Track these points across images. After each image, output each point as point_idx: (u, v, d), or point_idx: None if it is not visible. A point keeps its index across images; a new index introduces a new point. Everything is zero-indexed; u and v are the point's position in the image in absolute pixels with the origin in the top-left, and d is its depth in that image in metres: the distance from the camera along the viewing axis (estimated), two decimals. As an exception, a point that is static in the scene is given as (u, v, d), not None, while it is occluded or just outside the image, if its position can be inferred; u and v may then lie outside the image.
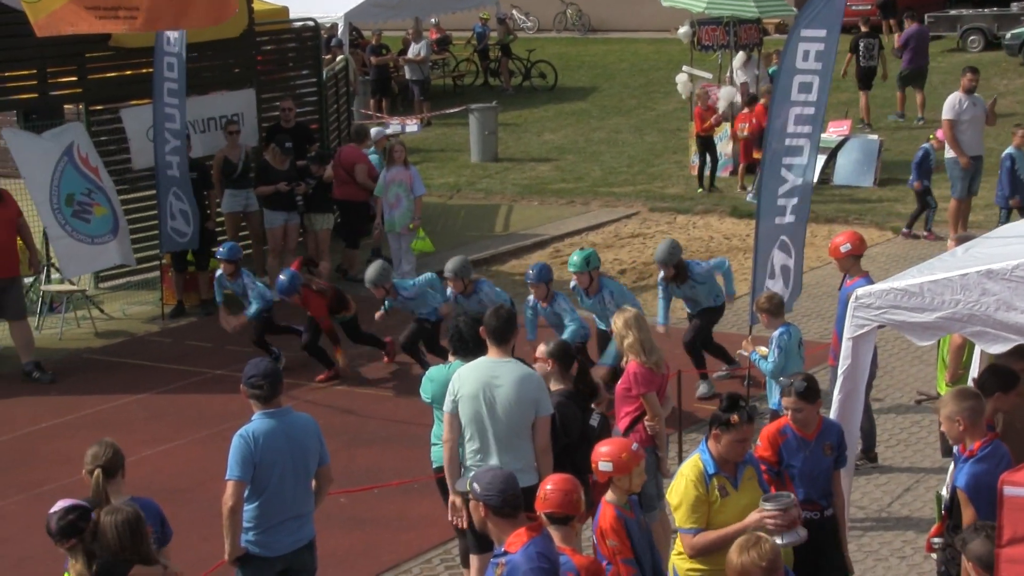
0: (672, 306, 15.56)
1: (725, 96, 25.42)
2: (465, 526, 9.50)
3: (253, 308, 16.44)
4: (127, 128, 19.62)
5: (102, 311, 19.15)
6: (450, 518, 10.01)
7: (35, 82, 19.14)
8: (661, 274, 15.18)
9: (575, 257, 14.65)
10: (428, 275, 16.42)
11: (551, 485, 7.88)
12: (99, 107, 19.71)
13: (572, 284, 14.93)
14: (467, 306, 14.90)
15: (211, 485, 10.12)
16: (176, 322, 18.32)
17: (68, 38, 17.44)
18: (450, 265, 15.11)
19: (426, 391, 10.70)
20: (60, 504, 7.94)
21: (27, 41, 17.32)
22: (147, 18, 16.55)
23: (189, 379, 16.43)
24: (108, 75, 19.74)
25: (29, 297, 18.51)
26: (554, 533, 7.71)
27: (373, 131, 23.07)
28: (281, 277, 16.38)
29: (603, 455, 8.40)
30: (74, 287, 19.32)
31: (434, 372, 10.78)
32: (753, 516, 8.15)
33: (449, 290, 15.49)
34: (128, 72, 19.59)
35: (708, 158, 25.06)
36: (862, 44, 29.43)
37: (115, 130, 19.67)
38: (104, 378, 16.24)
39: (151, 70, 18.67)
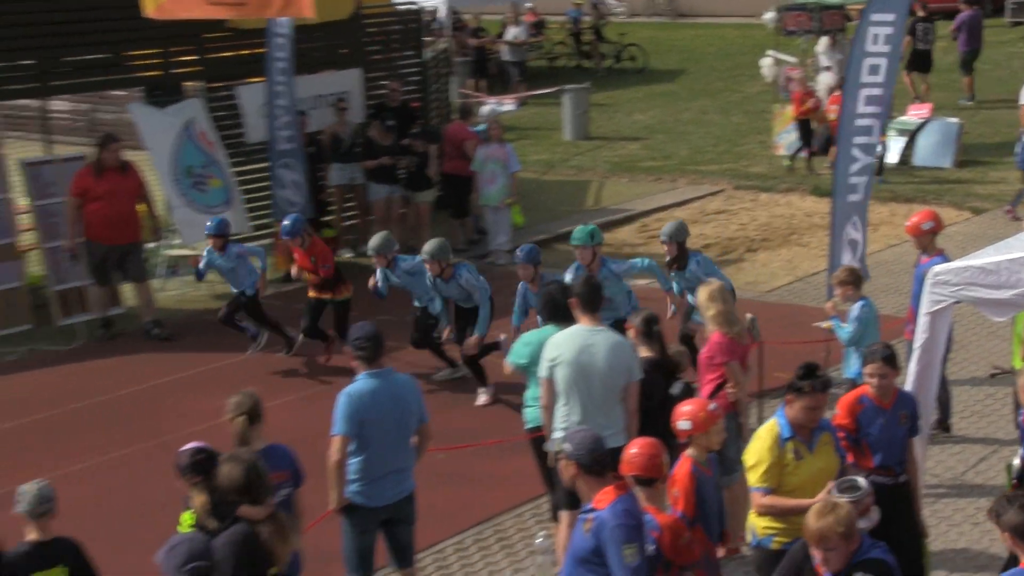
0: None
1: (824, 81, 25.18)
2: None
3: (261, 261, 16.09)
4: (242, 104, 19.77)
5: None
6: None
7: (159, 61, 19.37)
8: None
9: (578, 232, 13.64)
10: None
11: (636, 448, 7.95)
12: (217, 84, 19.87)
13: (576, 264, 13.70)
14: (445, 291, 14.42)
15: (317, 442, 10.22)
16: (287, 286, 18.43)
17: (189, 20, 17.61)
18: (427, 247, 14.27)
19: (521, 355, 10.76)
20: (191, 445, 8.26)
21: (152, 23, 17.38)
22: (254, 8, 16.76)
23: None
24: (225, 55, 19.87)
25: (152, 262, 18.79)
26: (639, 493, 7.77)
27: (487, 109, 23.21)
28: (284, 222, 15.87)
29: (683, 414, 8.53)
30: (194, 252, 19.52)
31: (529, 336, 10.85)
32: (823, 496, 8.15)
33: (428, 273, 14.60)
34: (243, 52, 19.71)
35: (806, 139, 24.68)
36: (919, 27, 28.99)
37: (231, 106, 19.80)
38: (220, 337, 16.38)
39: (264, 50, 18.88)
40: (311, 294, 15.73)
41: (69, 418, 14.47)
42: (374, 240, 14.97)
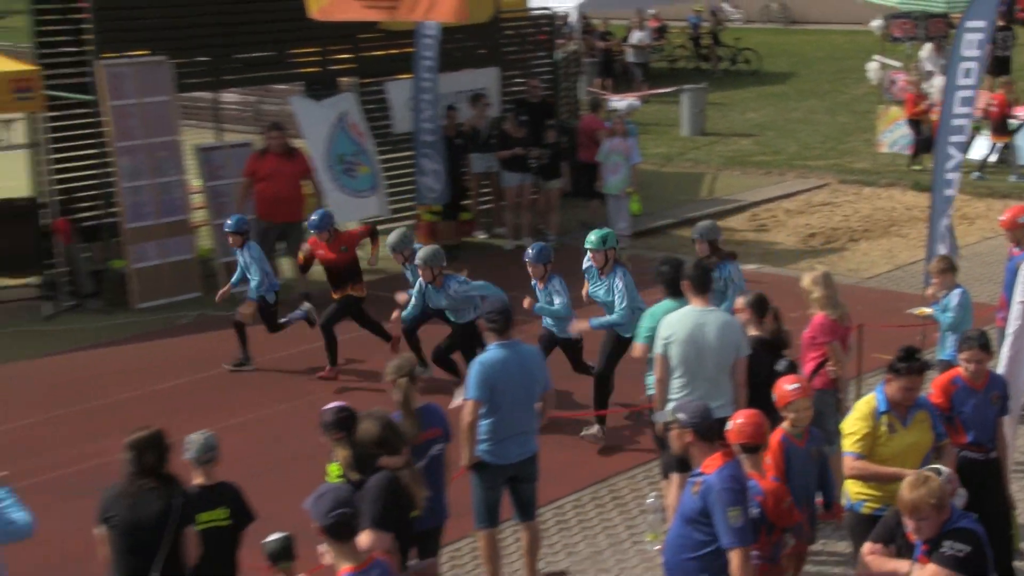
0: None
1: (938, 84, 24.74)
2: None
3: (254, 282, 14.64)
4: (391, 98, 19.87)
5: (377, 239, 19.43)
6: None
7: (318, 58, 19.54)
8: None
9: (592, 236, 12.74)
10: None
11: (743, 419, 7.97)
12: (368, 80, 19.94)
13: (585, 264, 13.01)
14: (435, 299, 13.39)
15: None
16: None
17: (345, 22, 17.73)
18: (421, 252, 13.37)
19: (646, 330, 10.67)
20: (334, 404, 8.40)
21: (312, 24, 17.54)
22: (403, 11, 16.86)
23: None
24: (377, 53, 19.95)
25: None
26: (745, 461, 7.74)
27: (624, 104, 23.21)
28: (313, 217, 14.85)
29: (774, 390, 8.65)
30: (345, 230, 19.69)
31: (656, 310, 10.74)
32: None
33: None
34: (393, 51, 19.80)
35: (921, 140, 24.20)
36: (999, 36, 28.22)
37: (380, 100, 19.90)
38: (366, 307, 16.51)
39: (412, 49, 18.95)
40: (333, 295, 14.69)
41: (232, 377, 14.68)
42: (392, 237, 14.19)
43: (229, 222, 14.94)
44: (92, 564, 8.50)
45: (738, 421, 7.93)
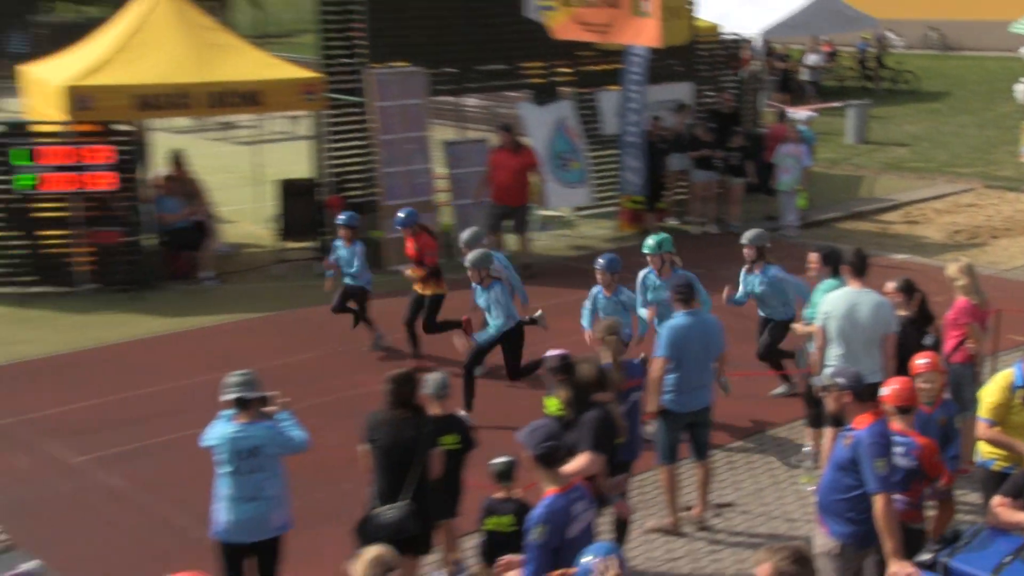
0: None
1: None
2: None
3: (355, 269, 13.80)
4: (601, 106, 19.87)
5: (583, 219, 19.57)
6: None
7: (543, 71, 19.60)
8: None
9: (650, 240, 11.71)
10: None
11: (898, 385, 7.85)
12: (584, 90, 19.96)
13: (642, 273, 11.83)
14: (481, 298, 11.97)
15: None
16: (625, 242, 18.50)
17: (565, 41, 18.04)
18: (471, 256, 11.95)
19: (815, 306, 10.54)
20: (556, 351, 8.47)
21: (539, 42, 17.91)
22: (614, 33, 17.10)
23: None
24: (592, 68, 19.94)
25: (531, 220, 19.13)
26: (900, 420, 7.64)
27: (803, 115, 22.89)
28: (400, 214, 13.58)
29: (910, 362, 8.55)
30: (557, 213, 19.86)
31: (823, 286, 10.58)
32: None
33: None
34: (606, 67, 19.78)
35: None
36: None
37: (592, 107, 19.90)
38: (573, 276, 16.60)
39: (622, 65, 18.92)
40: (415, 287, 13.49)
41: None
42: (466, 233, 12.93)
43: (342, 217, 13.92)
44: (354, 471, 8.80)
45: (895, 387, 7.80)
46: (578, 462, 7.76)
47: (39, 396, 12.70)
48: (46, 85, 16.81)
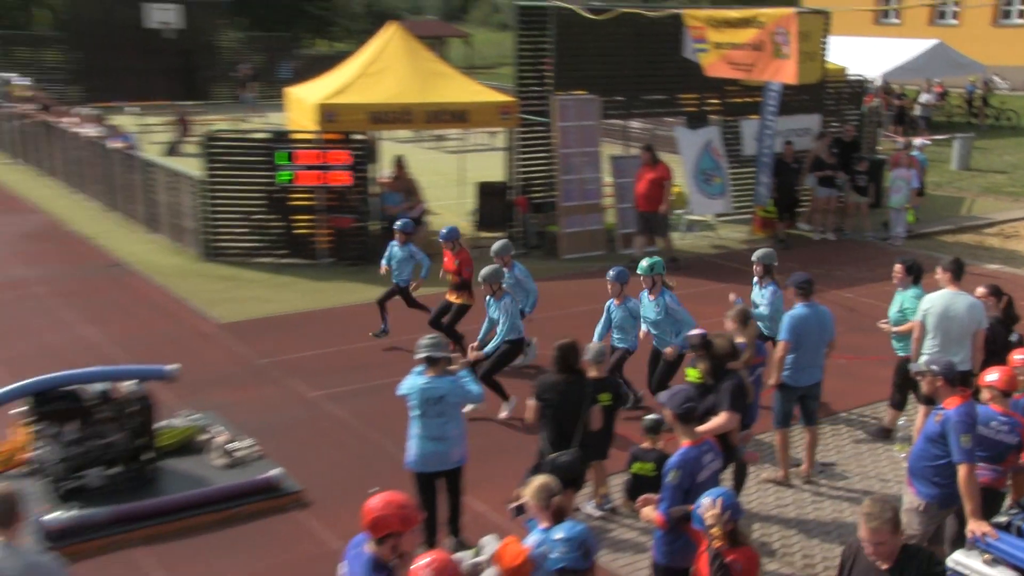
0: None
1: None
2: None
3: (424, 268, 12.84)
4: (742, 132, 19.53)
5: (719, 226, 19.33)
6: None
7: (696, 101, 19.36)
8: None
9: (644, 262, 10.44)
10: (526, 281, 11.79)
11: (998, 373, 7.54)
12: (729, 118, 19.65)
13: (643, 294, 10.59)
14: (493, 308, 10.76)
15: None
16: (756, 244, 18.16)
17: (715, 78, 17.82)
18: (483, 272, 10.74)
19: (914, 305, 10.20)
20: (697, 331, 8.37)
21: (693, 78, 17.78)
22: (757, 72, 16.85)
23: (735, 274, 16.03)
24: (736, 100, 19.62)
25: (678, 222, 18.96)
26: (1000, 402, 7.39)
27: (921, 141, 22.15)
28: (443, 230, 12.39)
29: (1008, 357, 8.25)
30: (701, 218, 19.61)
31: (910, 292, 10.22)
32: None
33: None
34: (748, 99, 19.43)
35: None
36: None
37: (735, 133, 19.60)
38: (714, 270, 16.38)
39: (760, 99, 18.54)
40: (447, 295, 12.35)
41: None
42: (496, 245, 11.86)
43: (398, 223, 13.00)
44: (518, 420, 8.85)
45: (1002, 374, 7.49)
46: (718, 420, 7.72)
47: (286, 343, 13.07)
48: (303, 103, 17.32)
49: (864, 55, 27.81)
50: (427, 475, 7.90)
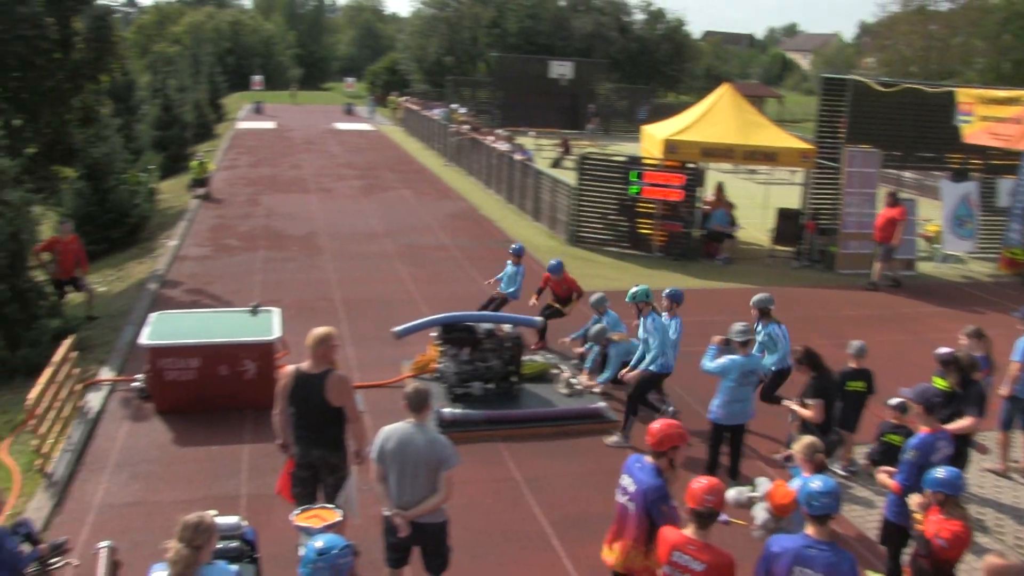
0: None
1: None
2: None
3: (512, 288, 11.17)
4: (998, 188, 17.23)
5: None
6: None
7: (961, 159, 17.20)
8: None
9: (632, 291, 8.56)
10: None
11: None
12: (987, 176, 17.37)
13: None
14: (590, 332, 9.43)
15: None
16: (1000, 279, 16.17)
17: (981, 145, 15.76)
18: (592, 299, 9.69)
19: None
20: (944, 349, 7.68)
21: (960, 140, 15.78)
22: (1015, 142, 15.13)
23: (975, 300, 14.18)
24: (995, 161, 17.19)
25: (933, 254, 17.25)
26: None
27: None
28: (552, 261, 10.90)
29: None
30: (955, 252, 17.57)
31: None
32: None
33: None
34: (1007, 161, 17.05)
35: None
36: None
37: (992, 187, 17.31)
38: (955, 296, 14.71)
39: (1018, 162, 16.34)
40: (552, 303, 11.06)
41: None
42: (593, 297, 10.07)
43: (513, 246, 11.32)
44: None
45: None
46: (965, 422, 7.13)
47: (620, 310, 11.29)
48: (653, 138, 17.34)
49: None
50: (724, 427, 7.73)
